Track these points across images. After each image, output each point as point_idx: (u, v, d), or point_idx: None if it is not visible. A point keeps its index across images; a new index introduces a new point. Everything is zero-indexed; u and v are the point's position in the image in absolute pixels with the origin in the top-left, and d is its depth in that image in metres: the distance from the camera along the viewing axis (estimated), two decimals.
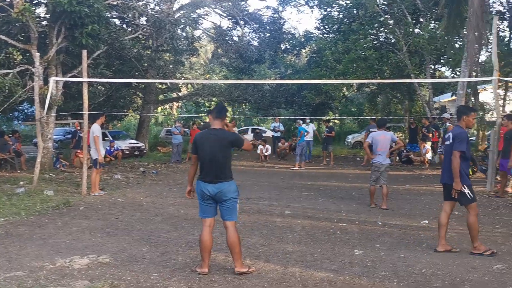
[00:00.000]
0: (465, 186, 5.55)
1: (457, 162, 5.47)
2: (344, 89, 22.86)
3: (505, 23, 20.58)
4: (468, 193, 5.59)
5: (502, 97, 21.17)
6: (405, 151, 17.49)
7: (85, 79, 10.30)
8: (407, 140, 19.46)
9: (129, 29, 18.05)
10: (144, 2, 18.42)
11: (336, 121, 34.44)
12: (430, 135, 16.76)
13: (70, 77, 14.10)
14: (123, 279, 4.63)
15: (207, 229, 4.83)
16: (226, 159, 4.81)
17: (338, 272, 4.93)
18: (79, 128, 14.27)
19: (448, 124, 15.35)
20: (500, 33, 20.07)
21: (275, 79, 30.99)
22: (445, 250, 5.66)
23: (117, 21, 17.83)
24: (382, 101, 27.71)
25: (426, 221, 7.50)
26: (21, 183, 11.54)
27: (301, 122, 17.74)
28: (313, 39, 22.89)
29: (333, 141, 19.78)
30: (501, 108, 15.66)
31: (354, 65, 18.46)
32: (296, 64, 27.36)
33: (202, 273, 4.79)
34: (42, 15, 15.72)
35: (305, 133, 16.80)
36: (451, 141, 5.63)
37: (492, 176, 10.63)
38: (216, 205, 4.89)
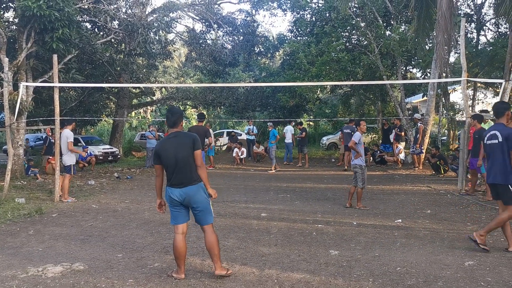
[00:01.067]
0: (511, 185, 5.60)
1: None
2: (318, 91, 23.05)
3: (473, 25, 21.18)
4: None
5: (471, 97, 21.76)
6: (379, 152, 17.78)
7: (56, 84, 10.13)
8: (380, 141, 19.80)
9: (101, 33, 17.83)
10: (116, 5, 18.21)
11: (311, 123, 34.72)
12: (403, 134, 17.05)
13: (40, 82, 13.84)
14: (98, 286, 4.57)
15: (179, 236, 4.76)
16: (189, 161, 4.68)
17: (314, 272, 4.98)
18: (50, 134, 14.00)
19: (419, 124, 15.69)
20: (469, 35, 20.66)
21: (250, 82, 31.07)
22: None
23: (88, 25, 17.61)
24: (356, 102, 28.13)
25: (400, 220, 7.63)
26: None
27: (273, 125, 17.89)
28: (287, 41, 23.02)
29: (308, 142, 19.95)
30: (470, 108, 16.04)
31: (327, 67, 18.64)
32: (270, 67, 27.49)
33: (178, 278, 4.77)
34: (11, 19, 15.40)
35: (275, 136, 17.04)
36: (500, 140, 5.69)
37: (463, 174, 10.90)
38: (187, 210, 4.82)
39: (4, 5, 14.50)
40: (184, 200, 4.68)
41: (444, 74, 17.11)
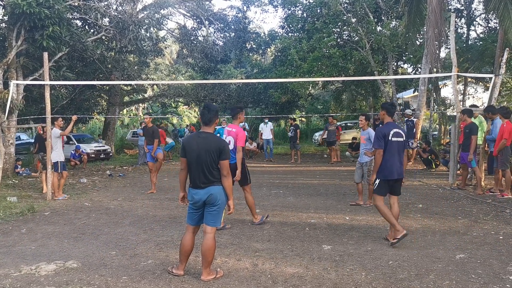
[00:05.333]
0: None
1: None
2: (310, 87, 23.08)
3: (463, 20, 21.29)
4: None
5: (462, 92, 21.91)
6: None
7: (47, 82, 10.06)
8: None
9: (92, 31, 17.70)
10: (106, 2, 18.09)
11: (303, 119, 34.78)
12: None
13: (31, 80, 13.74)
14: (91, 284, 4.57)
15: (190, 235, 4.76)
16: (209, 167, 4.59)
17: (307, 267, 5.01)
18: (42, 132, 13.93)
19: (415, 119, 15.79)
20: (459, 30, 20.76)
21: (241, 78, 31.04)
22: None
23: (79, 23, 17.47)
24: (347, 98, 28.21)
25: None
26: None
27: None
28: (278, 38, 23.04)
29: (300, 139, 20.01)
30: (460, 103, 16.15)
31: (319, 63, 18.69)
32: (261, 63, 27.49)
33: (177, 274, 4.77)
34: (0, 17, 15.25)
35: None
36: None
37: (454, 169, 10.99)
38: (203, 213, 4.74)
39: None
40: (206, 200, 4.61)
41: (435, 69, 17.21)
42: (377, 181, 5.93)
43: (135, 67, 22.36)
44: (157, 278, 4.72)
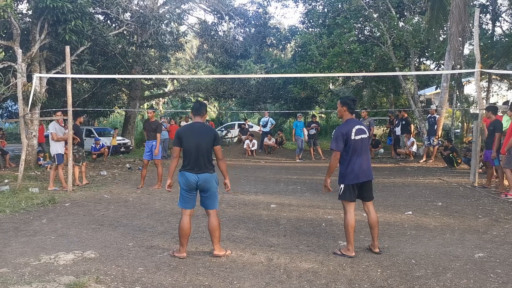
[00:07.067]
0: None
1: None
2: (330, 83, 22.93)
3: (488, 16, 20.85)
4: None
5: (486, 89, 21.47)
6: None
7: (69, 75, 10.21)
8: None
9: (113, 25, 17.90)
10: None
11: (322, 115, 34.58)
12: (412, 127, 16.99)
13: (54, 73, 13.97)
14: (108, 274, 4.63)
15: (187, 218, 5.16)
16: (209, 150, 5.11)
17: (322, 263, 4.99)
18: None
19: (437, 116, 15.58)
20: (484, 26, 20.34)
21: (261, 73, 31.03)
22: None
23: (101, 17, 17.69)
24: (368, 94, 27.90)
25: (410, 212, 7.60)
26: (6, 181, 11.44)
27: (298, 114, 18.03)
28: (298, 33, 22.89)
29: (320, 135, 19.90)
30: (484, 100, 15.84)
31: (339, 59, 18.51)
32: (281, 59, 27.41)
33: (180, 257, 5.09)
34: (25, 11, 15.55)
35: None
36: None
37: (475, 167, 10.79)
38: (196, 196, 5.22)
39: None
40: (200, 185, 5.08)
41: (458, 66, 16.92)
42: (342, 186, 5.29)
43: (156, 62, 22.56)
44: (173, 270, 4.76)
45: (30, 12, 14.48)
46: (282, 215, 7.45)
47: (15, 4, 13.99)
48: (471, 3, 16.37)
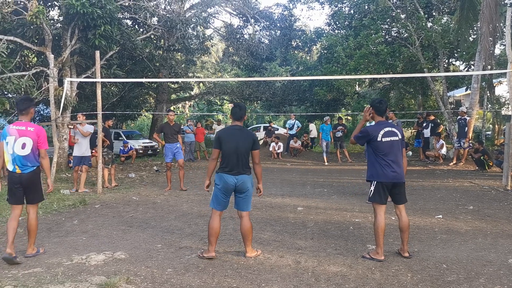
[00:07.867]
0: None
1: None
2: (356, 85, 22.70)
3: None
4: None
5: None
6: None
7: (98, 79, 10.42)
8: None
9: (141, 30, 18.21)
10: (155, 2, 18.55)
11: (349, 118, 34.27)
12: (441, 128, 16.66)
13: (84, 78, 14.27)
14: (138, 275, 4.70)
15: (217, 217, 5.25)
16: (248, 154, 5.26)
17: (351, 266, 4.95)
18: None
19: (468, 118, 15.25)
20: None
21: (286, 76, 31.00)
22: None
23: (129, 22, 18.01)
24: (395, 96, 27.52)
25: (441, 216, 7.46)
26: None
27: (326, 118, 17.86)
28: (324, 35, 22.77)
29: (346, 137, 19.68)
30: None
31: (366, 60, 18.33)
32: (307, 61, 27.30)
33: (210, 257, 5.13)
34: (56, 17, 15.95)
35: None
36: None
37: (508, 170, 10.51)
38: (229, 199, 5.29)
39: (49, 3, 15.02)
40: (237, 186, 5.18)
41: (489, 67, 16.52)
42: (372, 188, 5.34)
43: (182, 65, 22.79)
44: (201, 272, 4.79)
45: (61, 18, 14.85)
46: (309, 218, 7.42)
47: (47, 11, 14.38)
48: (502, 2, 16.01)
